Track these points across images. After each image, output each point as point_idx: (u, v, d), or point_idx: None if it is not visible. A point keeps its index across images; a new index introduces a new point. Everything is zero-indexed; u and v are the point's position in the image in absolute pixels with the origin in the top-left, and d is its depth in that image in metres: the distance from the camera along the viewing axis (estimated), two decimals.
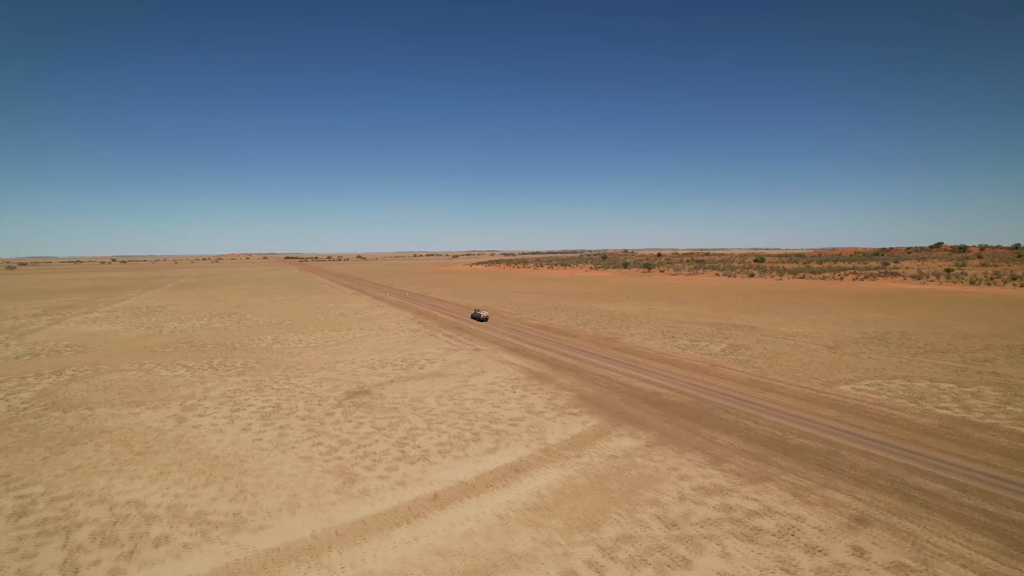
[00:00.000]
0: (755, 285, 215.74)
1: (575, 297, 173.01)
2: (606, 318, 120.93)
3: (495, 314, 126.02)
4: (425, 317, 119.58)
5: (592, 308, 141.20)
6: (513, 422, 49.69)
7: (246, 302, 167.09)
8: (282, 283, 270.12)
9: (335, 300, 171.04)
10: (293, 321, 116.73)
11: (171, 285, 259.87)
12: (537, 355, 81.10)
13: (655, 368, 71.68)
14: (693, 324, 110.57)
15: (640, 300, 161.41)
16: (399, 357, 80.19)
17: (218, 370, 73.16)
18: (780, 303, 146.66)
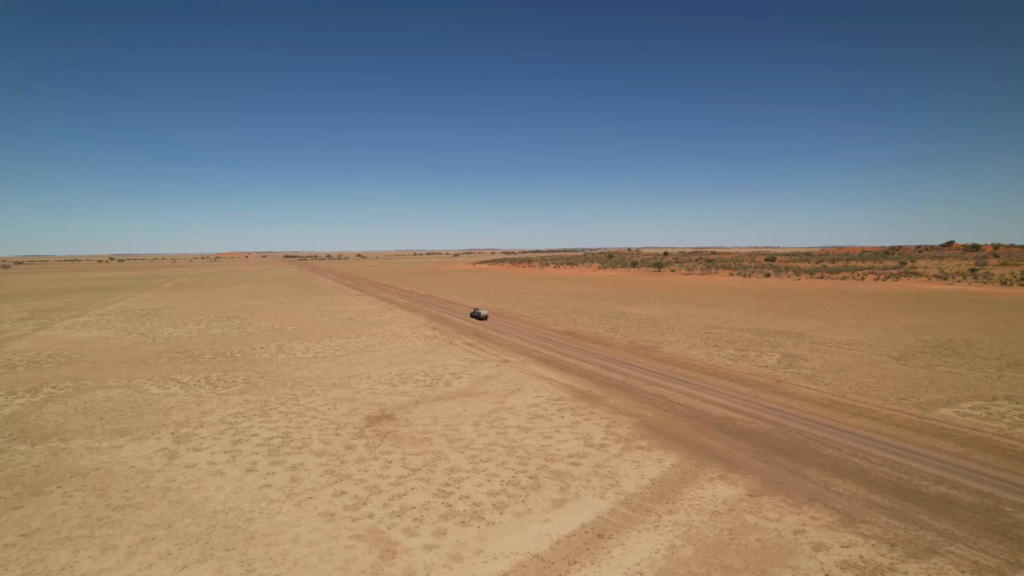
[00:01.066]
0: (775, 286, 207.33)
1: (592, 299, 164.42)
2: (634, 323, 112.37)
3: (513, 318, 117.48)
4: (439, 322, 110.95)
5: (615, 311, 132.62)
6: (574, 459, 41.11)
7: (246, 304, 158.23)
8: (283, 283, 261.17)
9: (340, 302, 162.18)
10: (297, 326, 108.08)
11: (168, 285, 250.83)
12: (574, 368, 72.51)
13: (713, 385, 63.12)
14: (731, 330, 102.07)
15: (662, 302, 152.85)
16: (420, 370, 71.56)
17: (217, 387, 64.47)
18: (813, 306, 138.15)
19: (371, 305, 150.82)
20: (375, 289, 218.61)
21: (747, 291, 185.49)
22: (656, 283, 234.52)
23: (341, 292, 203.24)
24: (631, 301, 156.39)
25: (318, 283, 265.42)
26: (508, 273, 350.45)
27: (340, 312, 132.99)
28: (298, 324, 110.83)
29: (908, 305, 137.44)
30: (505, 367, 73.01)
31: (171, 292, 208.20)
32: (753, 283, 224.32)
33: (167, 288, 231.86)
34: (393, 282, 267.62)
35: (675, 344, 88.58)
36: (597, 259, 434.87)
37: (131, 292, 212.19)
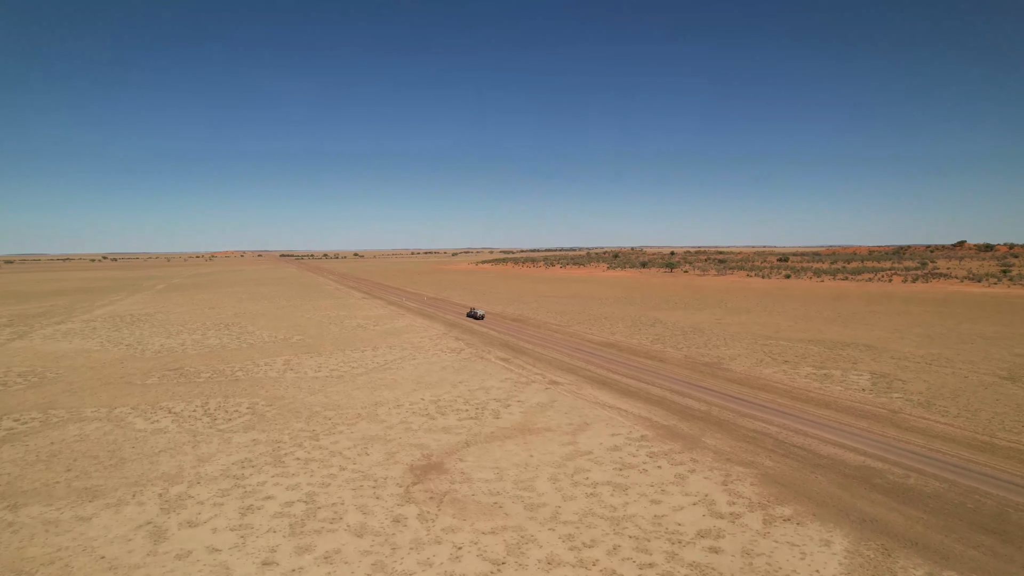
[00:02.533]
0: (801, 288, 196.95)
1: (616, 303, 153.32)
2: (677, 332, 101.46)
3: (540, 325, 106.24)
4: (460, 330, 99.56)
5: (648, 317, 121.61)
6: (709, 543, 30.07)
7: (245, 309, 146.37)
8: (282, 284, 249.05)
9: (347, 307, 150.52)
10: (304, 336, 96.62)
11: (161, 287, 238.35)
12: (638, 392, 61.49)
13: (818, 417, 52.23)
14: (789, 341, 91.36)
15: (695, 307, 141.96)
16: (457, 396, 60.39)
17: (216, 419, 53.12)
18: (860, 312, 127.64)
19: (380, 310, 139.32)
20: (380, 291, 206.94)
21: (775, 294, 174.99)
22: (675, 285, 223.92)
23: (345, 295, 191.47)
24: (660, 306, 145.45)
25: (319, 284, 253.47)
26: (514, 273, 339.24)
27: (348, 319, 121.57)
28: (304, 333, 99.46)
29: (962, 310, 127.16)
30: (557, 391, 61.89)
31: (164, 295, 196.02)
32: (776, 285, 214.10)
33: (160, 290, 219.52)
34: (397, 283, 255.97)
35: (738, 360, 77.70)
36: (602, 259, 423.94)
37: (122, 295, 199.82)
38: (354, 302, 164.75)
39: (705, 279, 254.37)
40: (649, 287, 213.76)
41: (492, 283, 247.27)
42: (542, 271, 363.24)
